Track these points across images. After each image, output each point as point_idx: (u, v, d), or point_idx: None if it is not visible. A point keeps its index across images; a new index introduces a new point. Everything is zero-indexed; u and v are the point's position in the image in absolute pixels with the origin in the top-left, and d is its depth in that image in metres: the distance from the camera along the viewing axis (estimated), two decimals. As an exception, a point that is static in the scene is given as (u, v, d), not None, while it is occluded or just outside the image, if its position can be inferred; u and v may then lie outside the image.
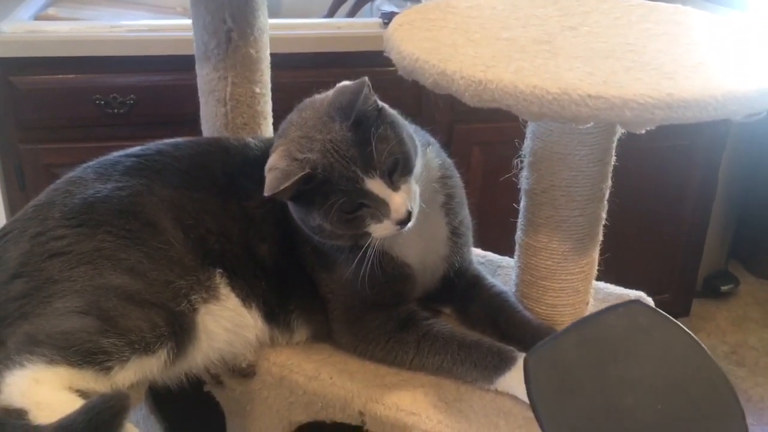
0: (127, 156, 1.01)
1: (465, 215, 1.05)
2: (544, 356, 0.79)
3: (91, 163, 1.00)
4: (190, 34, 1.67)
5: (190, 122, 1.04)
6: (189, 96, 1.71)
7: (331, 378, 0.96)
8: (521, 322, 1.01)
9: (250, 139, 1.05)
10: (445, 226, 1.01)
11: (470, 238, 1.08)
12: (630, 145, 1.98)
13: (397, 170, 0.88)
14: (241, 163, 1.01)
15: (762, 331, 2.57)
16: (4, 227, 0.93)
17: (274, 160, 0.89)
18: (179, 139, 1.08)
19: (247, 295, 0.97)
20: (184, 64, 1.65)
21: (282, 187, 0.84)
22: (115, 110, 1.75)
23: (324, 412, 0.97)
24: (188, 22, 1.87)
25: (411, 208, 0.88)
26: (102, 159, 1.01)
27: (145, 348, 0.84)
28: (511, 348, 0.93)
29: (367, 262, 0.91)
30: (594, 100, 0.74)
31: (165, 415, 1.15)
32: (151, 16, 2.00)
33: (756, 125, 2.52)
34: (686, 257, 2.34)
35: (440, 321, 0.99)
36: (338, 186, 0.86)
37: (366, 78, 0.91)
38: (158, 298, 0.87)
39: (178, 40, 1.69)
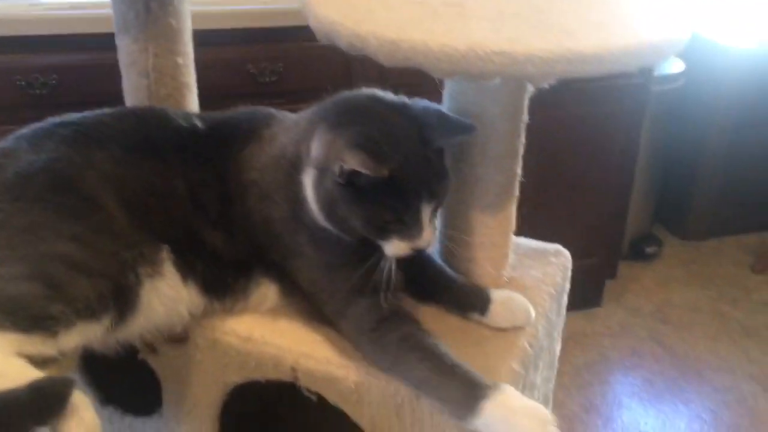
0: (64, 125, 0.97)
1: None
2: None
3: (24, 132, 0.97)
4: (110, 11, 1.65)
5: (116, 101, 1.03)
6: (114, 74, 1.68)
7: (262, 337, 0.99)
8: (445, 282, 1.04)
9: (195, 115, 1.03)
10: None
11: None
12: (554, 114, 2.07)
13: (438, 206, 0.91)
14: (190, 140, 0.99)
15: (685, 290, 2.70)
16: None
17: (356, 136, 0.86)
18: (121, 109, 1.05)
19: (187, 273, 0.96)
20: (107, 42, 1.63)
21: (363, 170, 0.82)
22: (38, 91, 1.72)
23: (257, 371, 1.00)
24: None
25: (431, 242, 0.91)
26: (36, 127, 0.97)
27: (91, 315, 0.84)
28: (484, 384, 0.85)
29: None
30: (499, 57, 0.78)
31: (99, 385, 1.15)
32: (70, -7, 1.96)
33: (674, 93, 2.64)
34: (612, 222, 2.41)
35: (421, 328, 0.93)
36: (402, 197, 0.86)
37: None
38: (105, 269, 0.87)
39: (101, 18, 1.64)
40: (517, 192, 1.05)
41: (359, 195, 0.87)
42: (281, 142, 0.98)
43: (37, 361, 0.81)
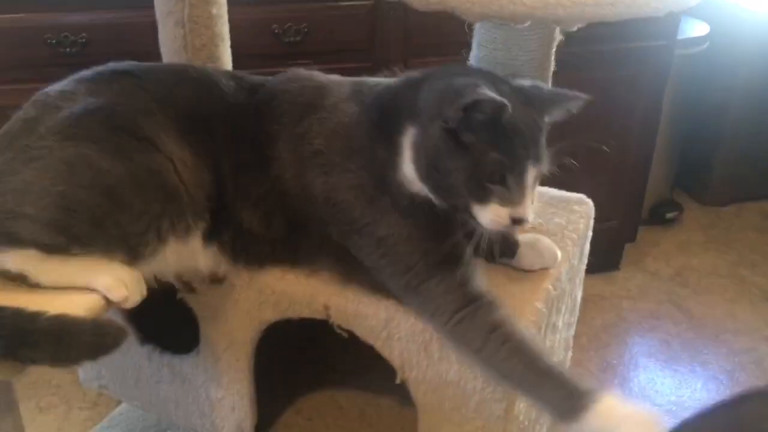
0: (126, 75, 0.98)
1: None
2: None
3: (83, 74, 0.97)
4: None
5: (144, 59, 1.05)
6: (142, 33, 1.71)
7: (297, 276, 1.03)
8: None
9: (246, 87, 1.02)
10: None
11: None
12: (578, 77, 2.07)
13: (538, 180, 0.88)
14: (238, 117, 0.99)
15: (704, 254, 2.71)
16: None
17: (472, 80, 0.85)
18: (178, 70, 1.05)
19: (212, 240, 0.98)
20: (136, 1, 1.67)
21: (490, 98, 0.80)
22: (68, 49, 1.75)
23: (291, 310, 1.04)
24: (140, -46, 1.86)
25: (531, 219, 0.86)
26: (95, 71, 0.98)
27: (101, 256, 0.88)
28: (587, 390, 0.83)
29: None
30: (530, 0, 0.81)
31: (138, 325, 1.20)
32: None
33: (697, 57, 2.63)
34: (632, 186, 2.42)
35: (512, 319, 0.89)
36: (511, 148, 0.83)
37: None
38: (124, 231, 0.88)
39: (130, -24, 1.70)
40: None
41: (466, 145, 0.84)
42: (351, 109, 0.96)
43: None
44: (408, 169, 0.90)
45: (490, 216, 0.85)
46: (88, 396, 1.98)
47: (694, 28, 2.60)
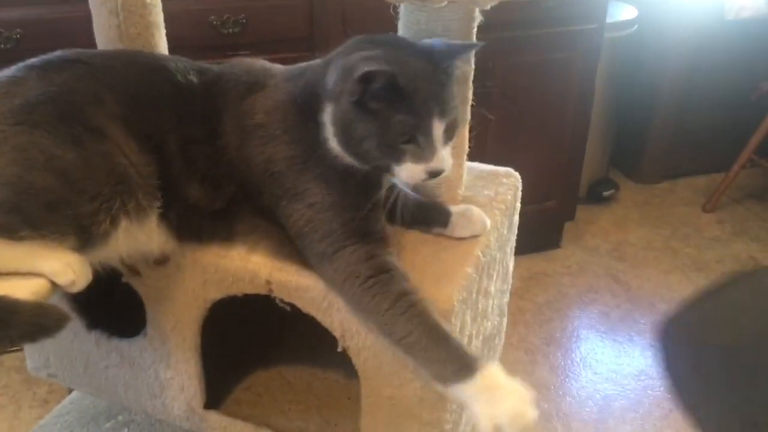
0: (75, 62, 1.00)
1: None
2: (675, 330, 0.71)
3: (34, 62, 1.00)
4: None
5: None
6: (77, 27, 1.68)
7: (239, 254, 1.06)
8: (406, 202, 1.12)
9: (193, 70, 1.05)
10: None
11: None
12: (513, 61, 2.15)
13: (450, 131, 0.93)
14: (186, 97, 1.03)
15: (640, 230, 2.82)
16: None
17: (363, 53, 0.92)
18: (127, 55, 1.09)
19: (166, 217, 1.01)
20: (69, -4, 1.67)
21: (379, 69, 0.86)
22: (1, 46, 1.73)
23: (235, 287, 1.07)
24: (74, -54, 1.84)
25: (446, 168, 0.93)
26: (46, 59, 1.00)
27: (52, 240, 0.90)
28: (474, 357, 0.90)
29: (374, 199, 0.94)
30: (445, -19, 0.86)
31: (85, 311, 1.22)
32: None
33: (627, 39, 2.72)
34: (569, 166, 2.50)
35: (416, 289, 0.96)
36: (412, 108, 0.89)
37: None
38: (77, 212, 0.90)
39: (62, -29, 1.70)
40: (469, 116, 1.14)
41: (373, 113, 0.90)
42: (288, 88, 1.02)
43: None
44: (333, 143, 0.96)
45: (406, 173, 0.92)
46: (37, 395, 1.98)
47: (623, 11, 2.70)
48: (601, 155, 2.91)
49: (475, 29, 1.06)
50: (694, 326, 0.71)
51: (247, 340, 1.32)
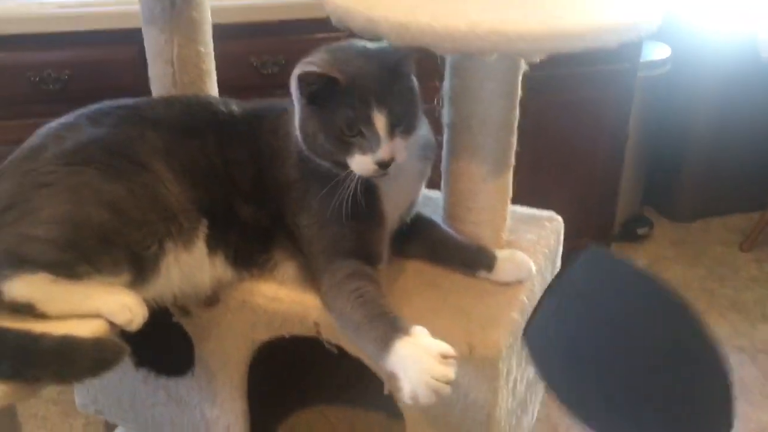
0: (121, 107, 1.09)
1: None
2: (534, 333, 0.80)
3: (84, 110, 1.07)
4: (121, 8, 1.74)
5: (127, 94, 1.13)
6: (124, 68, 1.77)
7: (288, 296, 1.09)
8: (453, 245, 1.15)
9: (232, 103, 1.14)
10: (418, 186, 1.13)
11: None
12: (547, 100, 2.17)
13: (401, 125, 0.97)
14: (229, 125, 1.10)
15: (675, 269, 2.78)
16: (0, 166, 1.01)
17: (309, 58, 1.00)
18: (170, 97, 1.17)
19: (216, 246, 1.06)
20: (117, 37, 1.72)
21: (310, 70, 0.95)
22: (51, 86, 1.78)
23: (283, 328, 1.10)
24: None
25: (395, 157, 0.97)
26: (95, 107, 1.08)
27: (108, 273, 0.96)
28: (399, 328, 0.92)
29: (347, 198, 0.98)
30: (495, 35, 0.88)
31: (133, 349, 1.24)
32: (79, -9, 2.03)
33: (660, 78, 2.72)
34: (603, 204, 2.48)
35: (374, 285, 1.01)
36: (352, 103, 0.94)
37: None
38: (128, 240, 0.96)
39: (110, 14, 1.75)
40: (513, 161, 1.16)
41: (320, 110, 0.97)
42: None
43: None
44: (302, 145, 1.03)
45: (357, 165, 0.98)
46: (74, 427, 1.99)
47: (657, 51, 2.72)
48: (634, 193, 2.89)
49: (521, 78, 1.09)
50: (541, 326, 0.79)
51: (290, 379, 1.34)
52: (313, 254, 1.06)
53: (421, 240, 1.17)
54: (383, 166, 0.97)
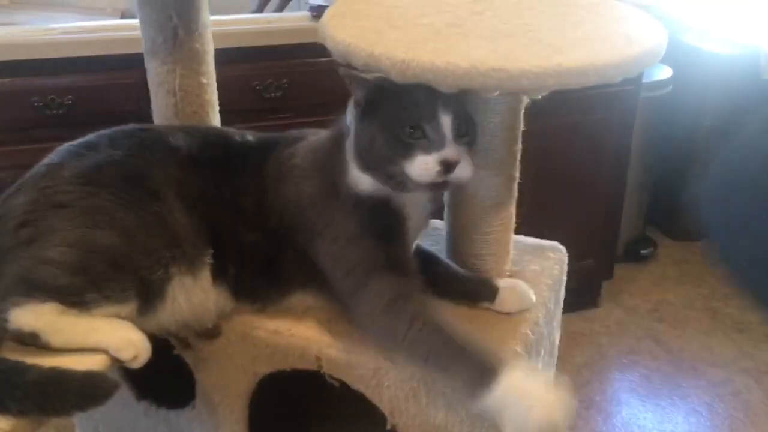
0: (143, 130, 1.10)
1: None
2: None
3: (106, 131, 1.09)
4: (123, 34, 1.75)
5: (130, 120, 1.14)
6: (126, 94, 1.79)
7: (289, 330, 1.08)
8: (455, 277, 1.15)
9: (248, 133, 1.15)
10: (430, 210, 1.11)
11: None
12: (549, 122, 2.17)
13: (466, 135, 0.96)
14: (241, 153, 1.11)
15: (679, 288, 2.78)
16: (19, 180, 1.03)
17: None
18: (191, 125, 1.19)
19: (221, 276, 1.06)
20: (119, 63, 1.73)
21: (358, 75, 0.95)
22: (54, 111, 1.80)
23: (284, 362, 1.09)
24: (119, 22, 1.94)
25: (460, 160, 0.92)
26: (119, 128, 1.09)
27: (115, 301, 0.96)
28: (494, 361, 0.87)
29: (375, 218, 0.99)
30: (497, 72, 0.88)
31: (134, 381, 1.25)
32: (82, 18, 2.06)
33: (662, 99, 2.73)
34: (606, 225, 2.49)
35: (433, 305, 0.99)
36: (416, 100, 0.93)
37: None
38: (136, 265, 0.97)
39: (112, 40, 1.78)
40: (516, 193, 1.16)
41: (379, 116, 0.96)
42: (324, 135, 1.10)
43: None
44: (353, 168, 1.01)
45: (419, 168, 0.93)
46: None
47: (658, 72, 2.73)
48: (638, 213, 2.89)
49: (522, 112, 1.09)
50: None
51: (292, 413, 1.33)
52: (339, 273, 1.02)
53: (422, 273, 1.16)
54: (447, 167, 0.92)
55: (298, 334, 1.08)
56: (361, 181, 1.01)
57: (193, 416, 1.21)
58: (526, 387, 0.85)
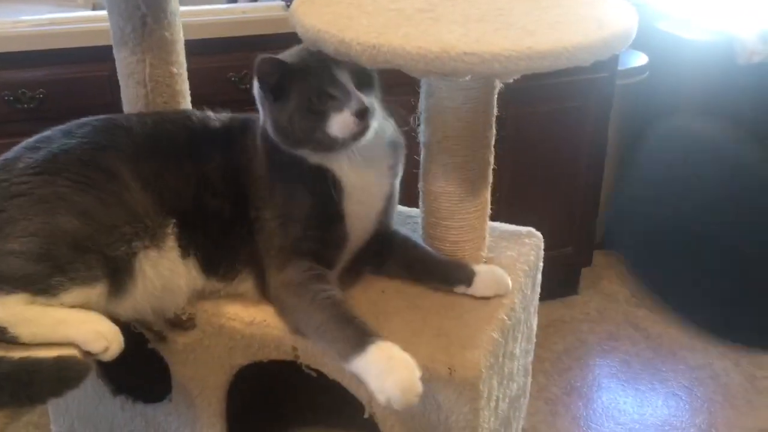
0: (96, 119, 1.10)
1: (398, 183, 1.16)
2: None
3: (63, 126, 1.09)
4: (94, 25, 1.73)
5: (101, 112, 1.13)
6: (98, 87, 1.76)
7: (265, 320, 1.07)
8: (432, 262, 1.15)
9: (211, 113, 1.16)
10: (388, 185, 1.12)
11: (396, 204, 1.19)
12: (526, 110, 2.17)
13: (365, 85, 1.01)
14: (202, 131, 1.12)
15: (657, 274, 2.81)
16: None
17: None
18: (151, 112, 1.19)
19: (188, 248, 1.06)
20: (91, 55, 1.71)
21: (265, 57, 0.99)
22: (25, 105, 1.78)
23: (261, 353, 1.08)
24: (91, 14, 1.91)
25: (369, 106, 0.99)
26: (74, 121, 1.10)
27: (83, 283, 0.95)
28: (371, 335, 0.95)
29: (312, 193, 1.03)
30: (469, 56, 0.88)
31: (111, 376, 1.23)
32: (53, 10, 2.01)
33: (639, 85, 2.73)
34: (585, 212, 2.50)
35: (338, 290, 1.04)
36: (313, 73, 0.99)
37: None
38: (99, 243, 0.97)
39: (83, 32, 1.75)
40: (491, 179, 1.15)
41: (287, 99, 1.01)
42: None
43: None
44: (277, 141, 1.06)
45: (338, 126, 1.00)
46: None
47: (634, 59, 2.73)
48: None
49: (496, 97, 1.08)
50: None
51: (270, 403, 1.32)
52: (271, 249, 1.07)
53: (399, 257, 1.16)
54: (361, 115, 0.98)
55: (274, 325, 1.07)
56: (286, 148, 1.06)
57: (170, 409, 1.20)
58: (394, 355, 0.93)
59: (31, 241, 0.94)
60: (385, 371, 0.91)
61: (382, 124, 1.06)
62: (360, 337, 0.94)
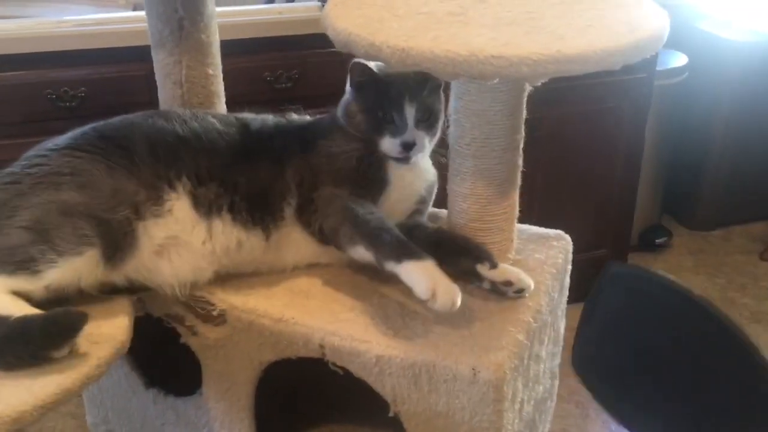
0: (124, 115, 1.17)
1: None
2: (580, 360, 0.91)
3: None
4: (135, 26, 1.77)
5: (142, 110, 1.17)
6: (138, 85, 1.80)
7: (293, 318, 1.09)
8: (461, 238, 1.16)
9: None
10: (419, 194, 1.20)
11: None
12: (562, 111, 2.16)
13: (425, 120, 1.13)
14: (243, 129, 1.18)
15: (695, 279, 2.75)
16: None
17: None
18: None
19: (211, 207, 1.10)
20: (131, 55, 1.75)
21: (358, 61, 1.10)
22: (67, 103, 1.82)
23: (289, 350, 1.10)
24: (131, 14, 1.96)
25: (417, 143, 1.12)
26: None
27: (71, 251, 0.97)
28: (417, 251, 1.04)
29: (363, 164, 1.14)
30: (497, 60, 0.88)
31: (143, 370, 1.26)
32: (94, 10, 2.06)
33: (677, 86, 2.70)
34: (620, 214, 2.47)
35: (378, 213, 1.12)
36: (388, 94, 1.11)
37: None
38: (93, 209, 1.01)
39: (124, 32, 1.79)
40: (519, 181, 1.15)
41: (364, 98, 1.14)
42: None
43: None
44: (345, 123, 1.18)
45: (386, 145, 1.13)
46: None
47: (673, 59, 2.69)
48: (652, 202, 2.87)
49: (525, 99, 1.08)
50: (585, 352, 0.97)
51: (298, 399, 1.34)
52: (322, 179, 1.15)
53: (429, 235, 1.18)
54: (407, 147, 1.11)
55: (302, 323, 1.08)
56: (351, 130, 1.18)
57: (200, 403, 1.22)
58: (439, 272, 1.01)
59: (28, 214, 0.98)
60: (433, 278, 0.99)
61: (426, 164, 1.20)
62: (415, 249, 1.03)
